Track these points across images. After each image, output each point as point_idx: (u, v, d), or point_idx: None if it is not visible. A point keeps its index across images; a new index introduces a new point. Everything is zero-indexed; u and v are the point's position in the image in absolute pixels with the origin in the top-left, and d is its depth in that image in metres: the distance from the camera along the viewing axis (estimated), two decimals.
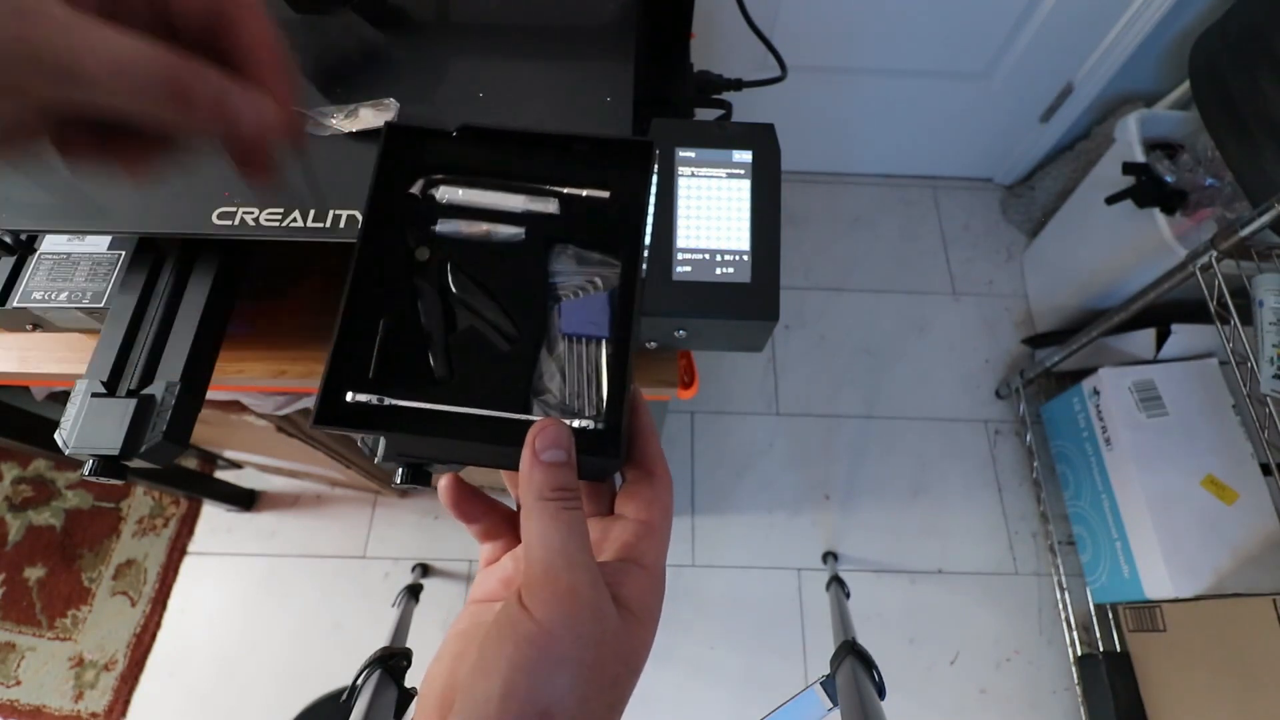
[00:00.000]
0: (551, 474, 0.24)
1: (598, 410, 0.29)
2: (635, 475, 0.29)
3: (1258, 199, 0.93)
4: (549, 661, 0.21)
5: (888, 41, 1.37)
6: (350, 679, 0.72)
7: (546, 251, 0.32)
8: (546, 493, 0.23)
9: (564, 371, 0.30)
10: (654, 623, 0.26)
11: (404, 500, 1.40)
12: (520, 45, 0.51)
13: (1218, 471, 1.13)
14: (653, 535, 0.27)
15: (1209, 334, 1.22)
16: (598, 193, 0.33)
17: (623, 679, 0.24)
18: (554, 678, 0.21)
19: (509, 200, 0.32)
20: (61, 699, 1.25)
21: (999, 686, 1.29)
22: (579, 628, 0.22)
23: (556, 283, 0.32)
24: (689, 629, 1.31)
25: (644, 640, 0.25)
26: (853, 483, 1.45)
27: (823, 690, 0.72)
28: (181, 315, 0.45)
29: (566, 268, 0.32)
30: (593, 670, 0.22)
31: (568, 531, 0.23)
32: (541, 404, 0.30)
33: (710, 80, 0.61)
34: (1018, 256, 1.68)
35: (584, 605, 0.22)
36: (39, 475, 1.41)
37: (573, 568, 0.22)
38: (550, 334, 0.31)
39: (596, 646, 0.22)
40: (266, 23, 0.22)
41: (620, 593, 0.25)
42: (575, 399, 0.30)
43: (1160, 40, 1.30)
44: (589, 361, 0.30)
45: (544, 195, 0.33)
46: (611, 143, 0.34)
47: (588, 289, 0.32)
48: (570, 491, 0.24)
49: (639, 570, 0.26)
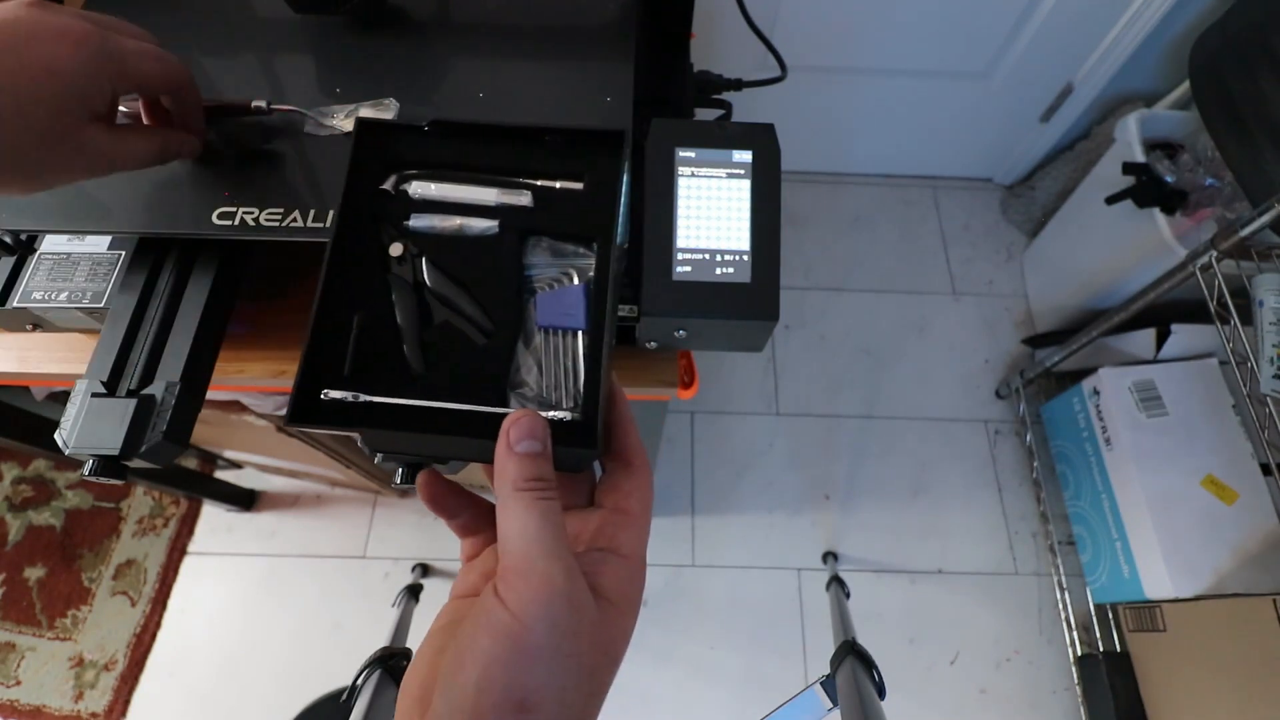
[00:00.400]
0: (526, 464, 0.24)
1: (575, 402, 0.29)
2: (614, 466, 0.29)
3: (1258, 199, 0.93)
4: (525, 652, 0.21)
5: (888, 41, 1.37)
6: (350, 679, 0.73)
7: (521, 244, 0.32)
8: (521, 483, 0.23)
9: (541, 364, 0.30)
10: (633, 612, 0.26)
11: (404, 500, 1.40)
12: (520, 45, 0.51)
13: (1218, 471, 1.13)
14: (631, 524, 0.28)
15: (1209, 334, 1.22)
16: (572, 184, 0.33)
17: (601, 668, 0.24)
18: (531, 668, 0.21)
19: (482, 194, 0.32)
20: (61, 699, 1.25)
21: (999, 686, 1.29)
22: (554, 618, 0.22)
23: (532, 275, 0.32)
24: (689, 629, 1.31)
25: (623, 629, 0.25)
26: (853, 483, 1.45)
27: (823, 690, 0.72)
28: (181, 315, 0.45)
29: (541, 260, 0.32)
30: (570, 660, 0.22)
31: (541, 521, 0.23)
32: (519, 397, 0.30)
33: (710, 80, 0.61)
34: (1018, 256, 1.68)
35: (559, 595, 0.22)
36: (39, 475, 1.41)
37: (547, 557, 0.22)
38: (526, 327, 0.31)
39: (573, 637, 0.22)
40: (198, 91, 0.40)
41: (598, 582, 0.25)
42: (552, 391, 0.30)
43: (1160, 40, 1.31)
44: (566, 354, 0.30)
45: (517, 188, 0.32)
46: (584, 134, 0.33)
47: (563, 281, 0.32)
48: (545, 482, 0.24)
49: (617, 559, 0.26)
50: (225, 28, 0.51)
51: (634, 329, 0.42)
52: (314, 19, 0.51)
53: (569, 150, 0.33)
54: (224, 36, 0.50)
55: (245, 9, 0.52)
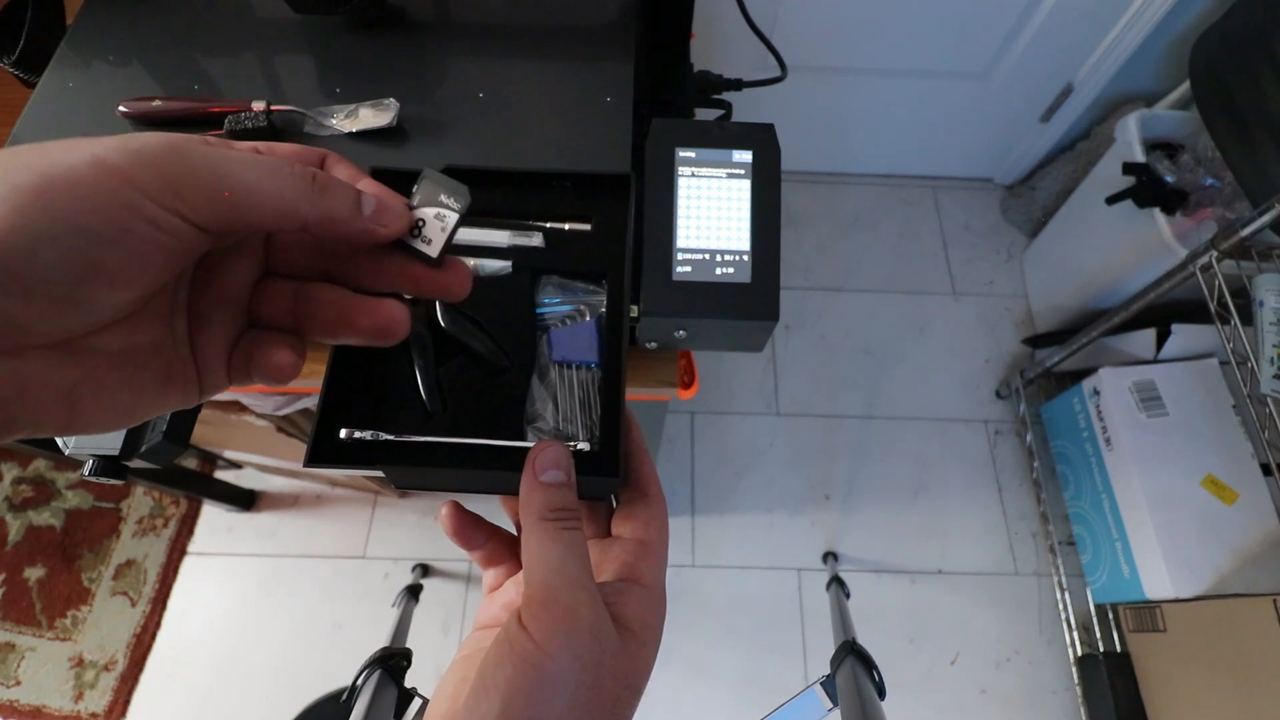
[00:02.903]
0: (551, 495, 0.24)
1: (591, 434, 0.30)
2: (630, 496, 0.30)
3: (1258, 199, 0.93)
4: (547, 682, 0.21)
5: (888, 41, 1.37)
6: (350, 679, 0.72)
7: (533, 283, 0.33)
8: (546, 513, 0.24)
9: (556, 398, 0.31)
10: (655, 642, 0.26)
11: (404, 500, 1.40)
12: (520, 45, 0.51)
13: (1218, 471, 1.13)
14: (651, 554, 0.28)
15: (1209, 334, 1.22)
16: (580, 226, 0.34)
17: (623, 700, 0.24)
18: (552, 699, 0.21)
19: (494, 236, 0.33)
20: (61, 699, 1.25)
21: (999, 687, 1.29)
22: (577, 648, 0.22)
23: (544, 313, 0.33)
24: (689, 629, 1.31)
25: (645, 660, 0.25)
26: (853, 483, 1.45)
27: (823, 690, 0.72)
28: None
29: (553, 298, 0.33)
30: (592, 691, 0.22)
31: (565, 551, 0.23)
32: (535, 431, 0.30)
33: (710, 80, 0.61)
34: (1018, 256, 1.68)
35: (582, 626, 0.22)
36: (39, 475, 1.41)
37: (571, 588, 0.22)
38: (540, 362, 0.32)
39: (595, 667, 0.22)
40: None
41: (620, 612, 0.25)
42: (568, 424, 0.30)
43: (1160, 40, 1.30)
44: (581, 387, 0.31)
45: (528, 230, 0.33)
46: (592, 178, 0.34)
47: (575, 317, 0.33)
48: (569, 512, 0.24)
49: (639, 589, 0.26)
50: (225, 28, 0.51)
51: (634, 329, 0.42)
52: (314, 19, 0.51)
53: (577, 193, 0.34)
54: (224, 37, 0.50)
55: (245, 9, 0.52)
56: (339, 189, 0.21)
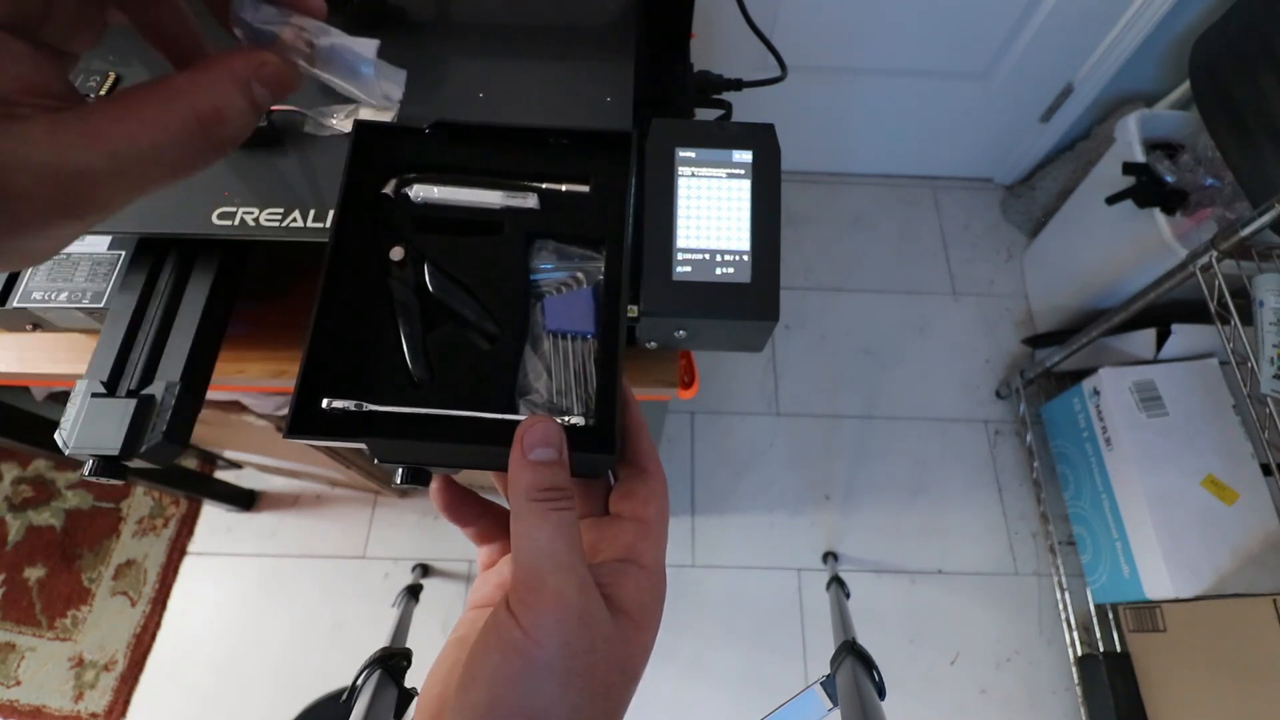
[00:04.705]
0: (540, 473, 0.23)
1: (587, 407, 0.29)
2: (628, 473, 0.28)
3: (1258, 199, 0.93)
4: (536, 671, 0.20)
5: (888, 41, 1.37)
6: (350, 679, 0.72)
7: (527, 247, 0.31)
8: (534, 493, 0.23)
9: (550, 369, 0.29)
10: (653, 626, 0.25)
11: (404, 500, 1.40)
12: (520, 45, 0.51)
13: (1218, 471, 1.13)
14: (650, 533, 0.27)
15: (1209, 334, 1.22)
16: (578, 187, 0.32)
17: (618, 687, 0.23)
18: (541, 688, 0.20)
19: (486, 196, 0.31)
20: (61, 699, 1.25)
21: (999, 686, 1.29)
22: (567, 635, 0.21)
23: (538, 279, 0.31)
24: (689, 629, 1.31)
25: (642, 645, 0.24)
26: (853, 483, 1.45)
27: (823, 690, 0.72)
28: (181, 315, 0.45)
29: (548, 263, 0.31)
30: (583, 678, 0.21)
31: (555, 533, 0.22)
32: (528, 403, 0.29)
33: (710, 80, 0.61)
34: (1018, 256, 1.68)
35: (571, 611, 0.21)
36: (39, 475, 1.41)
37: (560, 571, 0.22)
38: (534, 332, 0.30)
39: (587, 654, 0.21)
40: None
41: (617, 594, 0.24)
42: (562, 397, 0.29)
43: (1160, 40, 1.30)
44: (576, 358, 0.30)
45: (523, 190, 0.32)
46: (590, 135, 0.33)
47: (571, 285, 0.31)
48: (560, 491, 0.23)
49: (637, 570, 0.25)
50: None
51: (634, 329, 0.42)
52: None
53: (574, 152, 0.33)
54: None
55: None
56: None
